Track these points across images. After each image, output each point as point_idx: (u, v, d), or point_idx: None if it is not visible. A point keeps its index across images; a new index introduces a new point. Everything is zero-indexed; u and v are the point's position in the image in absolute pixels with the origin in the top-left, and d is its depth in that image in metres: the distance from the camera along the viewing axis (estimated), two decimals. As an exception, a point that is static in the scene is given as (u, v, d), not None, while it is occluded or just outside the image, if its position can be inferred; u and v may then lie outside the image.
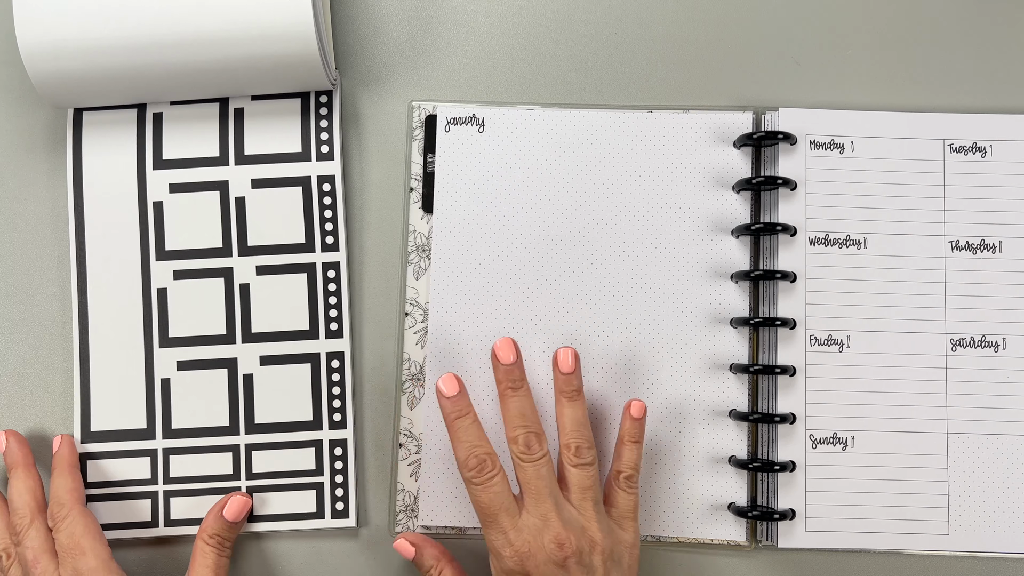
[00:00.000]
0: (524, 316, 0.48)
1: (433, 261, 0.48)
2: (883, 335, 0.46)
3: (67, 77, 0.44)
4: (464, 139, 0.49)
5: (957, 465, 0.46)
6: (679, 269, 0.47)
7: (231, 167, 0.48)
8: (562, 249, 0.48)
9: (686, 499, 0.46)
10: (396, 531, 0.47)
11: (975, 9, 0.50)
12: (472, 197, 0.48)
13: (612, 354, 0.47)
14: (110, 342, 0.48)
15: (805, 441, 0.46)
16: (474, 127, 0.49)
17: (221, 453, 0.48)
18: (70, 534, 0.43)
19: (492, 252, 0.48)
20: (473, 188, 0.48)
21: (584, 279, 0.48)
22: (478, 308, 0.48)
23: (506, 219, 0.48)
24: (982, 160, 0.47)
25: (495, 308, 0.48)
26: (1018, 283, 0.47)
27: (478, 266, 0.48)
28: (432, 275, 0.48)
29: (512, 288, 0.48)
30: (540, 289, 0.48)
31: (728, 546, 0.47)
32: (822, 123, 0.48)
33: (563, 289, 0.48)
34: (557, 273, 0.48)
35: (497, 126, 0.49)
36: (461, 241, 0.48)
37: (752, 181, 0.47)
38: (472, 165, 0.48)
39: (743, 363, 0.47)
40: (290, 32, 0.43)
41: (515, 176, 0.48)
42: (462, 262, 0.48)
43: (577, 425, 0.43)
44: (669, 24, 0.50)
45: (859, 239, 0.47)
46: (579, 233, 0.48)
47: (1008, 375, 0.46)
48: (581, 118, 0.49)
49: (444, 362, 0.47)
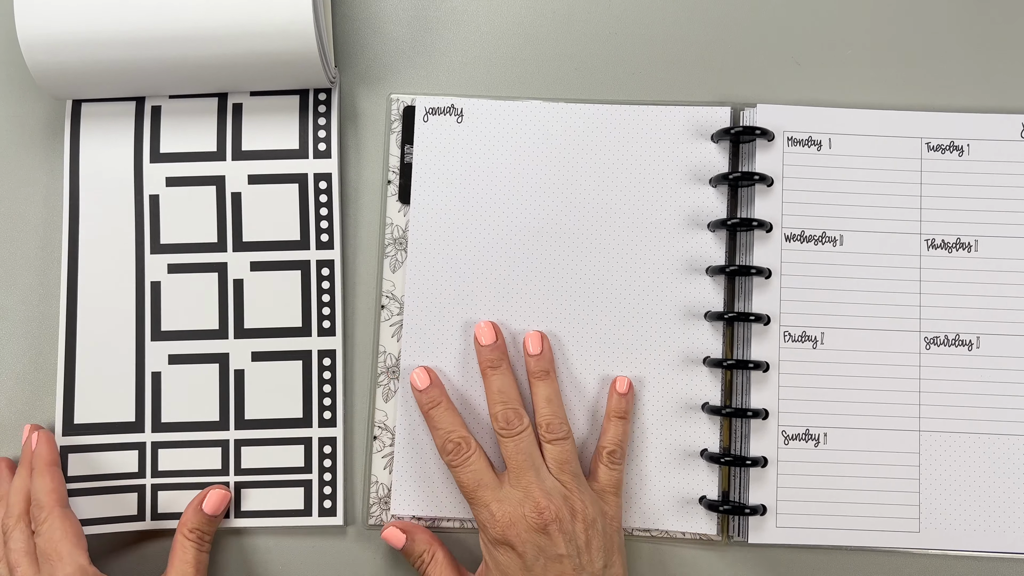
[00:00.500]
0: (499, 307, 0.48)
1: (410, 252, 0.48)
2: (857, 332, 0.47)
3: (66, 69, 0.44)
4: (443, 129, 0.49)
5: (929, 463, 0.46)
6: (655, 262, 0.47)
7: (228, 162, 0.48)
8: (538, 241, 0.48)
9: (658, 492, 0.47)
10: (370, 523, 0.47)
11: (954, 8, 0.50)
12: (449, 187, 0.48)
13: (588, 345, 0.47)
14: (100, 334, 0.48)
15: (777, 437, 0.46)
16: (452, 117, 0.49)
17: (210, 448, 0.47)
18: (48, 539, 0.42)
19: (468, 243, 0.48)
20: (451, 178, 0.48)
21: (560, 271, 0.48)
22: (454, 300, 0.48)
23: (483, 210, 0.48)
24: (959, 159, 0.47)
25: (470, 300, 0.48)
26: (993, 282, 0.47)
27: (454, 257, 0.48)
28: (408, 266, 0.48)
29: (487, 279, 0.48)
30: (516, 281, 0.48)
31: (700, 540, 0.47)
32: (800, 120, 0.48)
33: (538, 281, 0.48)
34: (533, 265, 0.48)
35: (476, 117, 0.49)
36: (438, 231, 0.48)
37: (729, 176, 0.47)
38: (450, 155, 0.48)
39: (717, 357, 0.47)
40: (290, 30, 0.43)
41: (493, 167, 0.48)
42: (439, 252, 0.48)
43: (548, 402, 0.45)
44: (655, 22, 0.50)
45: (835, 236, 0.47)
46: (555, 225, 0.48)
47: (982, 374, 0.46)
48: (560, 111, 0.48)
49: (419, 354, 0.47)
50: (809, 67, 0.49)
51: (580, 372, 0.47)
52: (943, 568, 0.47)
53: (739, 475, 0.46)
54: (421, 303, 0.48)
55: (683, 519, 0.46)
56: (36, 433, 0.46)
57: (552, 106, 0.48)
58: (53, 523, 0.42)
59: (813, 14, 0.50)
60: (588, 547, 0.41)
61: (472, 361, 0.47)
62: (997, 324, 0.47)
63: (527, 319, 0.48)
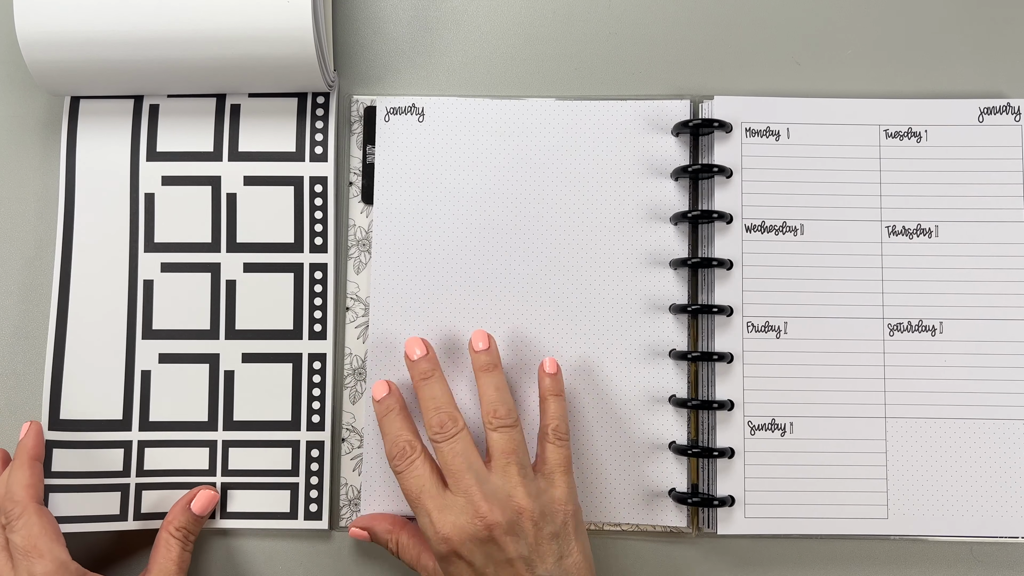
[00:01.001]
0: (464, 306, 0.48)
1: (374, 253, 0.48)
2: (820, 321, 0.47)
3: (64, 67, 0.45)
4: (404, 129, 0.49)
5: (895, 449, 0.46)
6: (618, 257, 0.48)
7: (224, 163, 0.48)
8: (501, 238, 0.48)
9: (627, 485, 0.47)
10: (341, 524, 0.47)
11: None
12: (412, 186, 0.48)
13: (552, 341, 0.47)
14: (91, 331, 0.48)
15: (744, 427, 0.46)
16: (414, 116, 0.49)
17: (198, 448, 0.47)
18: (26, 535, 0.41)
19: (432, 242, 0.48)
20: (413, 178, 0.48)
21: (523, 267, 0.48)
22: (419, 299, 0.48)
23: (445, 209, 0.48)
24: (917, 145, 0.48)
25: (435, 299, 0.48)
26: (954, 267, 0.47)
27: (418, 256, 0.48)
28: (373, 266, 0.48)
29: (452, 278, 0.48)
30: (481, 278, 0.48)
31: (670, 533, 0.47)
32: (757, 110, 0.48)
33: (502, 278, 0.48)
34: (496, 262, 0.48)
35: (436, 116, 0.49)
36: (401, 231, 0.48)
37: (688, 169, 0.47)
38: (412, 154, 0.48)
39: (682, 350, 0.47)
40: (289, 36, 0.43)
41: (454, 165, 0.48)
42: (402, 252, 0.48)
43: (496, 390, 0.43)
44: (655, 22, 0.50)
45: (795, 226, 0.47)
46: (518, 222, 0.48)
47: (945, 359, 0.47)
48: (520, 107, 0.49)
49: (385, 356, 0.47)
50: (760, 57, 0.49)
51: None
52: (911, 553, 0.47)
53: (707, 467, 0.47)
54: (386, 304, 0.48)
55: (653, 512, 0.46)
56: (27, 424, 0.45)
57: (512, 103, 0.49)
58: (29, 519, 0.41)
59: (763, 4, 0.50)
60: (538, 544, 0.40)
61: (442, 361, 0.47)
62: (959, 309, 0.47)
63: (492, 317, 0.48)
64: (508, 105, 0.49)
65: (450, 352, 0.47)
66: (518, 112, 0.48)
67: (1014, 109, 0.48)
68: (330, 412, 0.48)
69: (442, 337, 0.47)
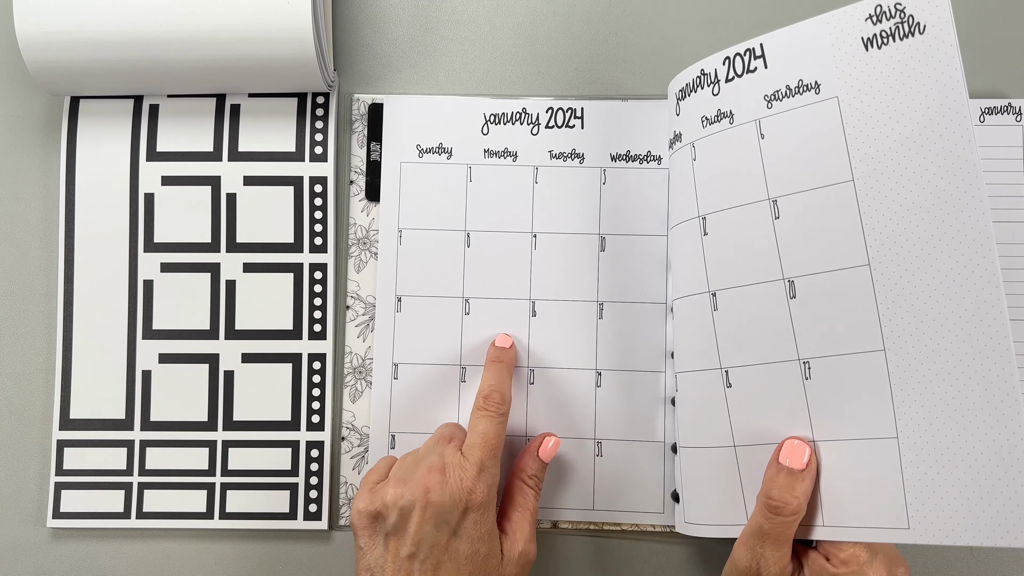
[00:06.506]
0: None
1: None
2: None
3: (63, 67, 0.45)
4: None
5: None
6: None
7: (224, 163, 0.48)
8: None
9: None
10: (340, 524, 0.47)
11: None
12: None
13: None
14: (94, 330, 0.48)
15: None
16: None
17: (198, 448, 0.47)
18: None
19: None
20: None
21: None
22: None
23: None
24: None
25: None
26: None
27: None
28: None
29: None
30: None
31: (671, 533, 0.47)
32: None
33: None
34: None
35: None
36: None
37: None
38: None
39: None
40: (289, 36, 0.43)
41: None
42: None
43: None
44: (654, 22, 0.50)
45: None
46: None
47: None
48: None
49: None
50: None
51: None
52: (913, 553, 0.47)
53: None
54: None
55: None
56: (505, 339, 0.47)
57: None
58: None
59: (781, 6, 0.50)
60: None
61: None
62: None
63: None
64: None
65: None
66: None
67: (1015, 109, 0.48)
68: (330, 412, 0.48)
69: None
